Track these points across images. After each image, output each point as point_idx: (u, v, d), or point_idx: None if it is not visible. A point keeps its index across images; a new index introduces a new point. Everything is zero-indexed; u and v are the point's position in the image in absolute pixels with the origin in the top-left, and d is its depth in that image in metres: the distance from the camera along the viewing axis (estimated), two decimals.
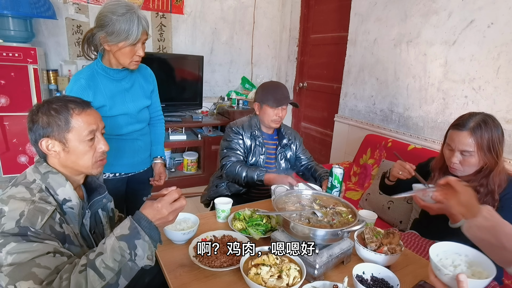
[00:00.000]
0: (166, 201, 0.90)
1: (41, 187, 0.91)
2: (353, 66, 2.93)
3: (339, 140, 3.16)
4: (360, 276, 1.01)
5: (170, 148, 3.59)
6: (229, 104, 3.80)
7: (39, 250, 0.80)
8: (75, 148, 0.96)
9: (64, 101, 0.96)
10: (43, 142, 0.93)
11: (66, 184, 0.94)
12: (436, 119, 2.25)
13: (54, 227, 0.86)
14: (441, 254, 0.83)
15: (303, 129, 3.97)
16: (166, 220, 0.91)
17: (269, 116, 1.76)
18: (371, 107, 2.78)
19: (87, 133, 0.97)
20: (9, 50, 2.49)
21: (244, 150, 1.81)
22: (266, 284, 0.91)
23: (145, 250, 0.86)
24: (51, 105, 0.94)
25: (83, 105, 0.99)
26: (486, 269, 0.77)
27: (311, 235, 1.02)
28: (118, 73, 1.50)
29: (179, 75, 3.48)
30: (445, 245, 0.84)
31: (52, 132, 0.93)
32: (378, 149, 2.49)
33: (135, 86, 1.60)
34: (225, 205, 1.38)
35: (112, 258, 0.83)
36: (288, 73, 4.01)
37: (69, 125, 0.94)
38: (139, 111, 1.61)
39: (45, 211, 0.85)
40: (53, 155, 0.95)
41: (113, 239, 0.85)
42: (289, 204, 1.21)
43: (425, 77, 2.29)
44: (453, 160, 1.30)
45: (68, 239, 0.90)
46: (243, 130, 1.81)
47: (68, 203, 0.94)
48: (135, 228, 0.86)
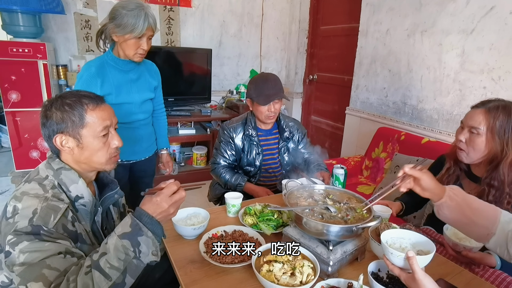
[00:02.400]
0: (165, 194, 0.88)
1: (54, 184, 0.90)
2: (364, 57, 2.86)
3: (351, 134, 3.10)
4: (376, 273, 0.98)
5: (179, 142, 3.59)
6: (238, 97, 3.77)
7: (50, 250, 0.79)
8: (89, 144, 0.94)
9: (78, 96, 0.94)
10: (57, 138, 0.92)
11: (79, 181, 0.93)
12: (451, 111, 2.18)
13: (66, 225, 0.85)
14: (389, 240, 0.92)
15: (313, 123, 3.91)
16: (167, 214, 0.89)
17: (261, 113, 1.70)
18: (384, 99, 2.72)
19: (102, 128, 0.95)
20: (19, 46, 2.50)
21: (234, 152, 1.79)
22: (278, 281, 0.88)
23: (149, 246, 0.85)
24: (64, 100, 0.92)
25: (97, 100, 0.97)
26: (427, 247, 0.89)
27: (324, 231, 0.99)
28: (126, 65, 1.61)
29: (188, 68, 3.45)
30: (390, 232, 0.95)
31: (67, 128, 0.91)
32: (391, 143, 2.43)
33: (141, 79, 1.71)
34: (235, 199, 1.36)
35: (116, 257, 0.82)
36: (297, 65, 3.94)
37: (84, 121, 0.92)
38: (143, 102, 1.72)
39: (58, 209, 0.84)
40: (67, 151, 0.94)
41: (115, 238, 0.84)
42: (301, 199, 1.18)
43: (440, 68, 2.21)
44: (459, 137, 1.24)
45: (80, 238, 0.89)
46: (234, 132, 1.77)
47: (80, 200, 0.92)
48: (136, 225, 0.84)
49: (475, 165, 1.30)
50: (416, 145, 2.22)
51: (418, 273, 0.78)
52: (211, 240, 1.14)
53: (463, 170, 1.34)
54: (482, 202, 0.94)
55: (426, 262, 0.84)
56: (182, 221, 1.22)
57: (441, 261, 1.13)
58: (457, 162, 1.34)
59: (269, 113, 1.69)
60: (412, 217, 1.93)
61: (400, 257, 0.83)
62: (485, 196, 1.20)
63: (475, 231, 0.92)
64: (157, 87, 1.83)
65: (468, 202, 0.92)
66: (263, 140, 1.80)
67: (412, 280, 0.80)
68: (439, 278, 1.02)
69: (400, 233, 0.95)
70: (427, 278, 0.79)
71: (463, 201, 0.92)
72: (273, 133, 1.84)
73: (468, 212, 0.90)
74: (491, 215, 0.90)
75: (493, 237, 0.89)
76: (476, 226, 0.91)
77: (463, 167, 1.34)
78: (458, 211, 0.92)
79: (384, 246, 0.88)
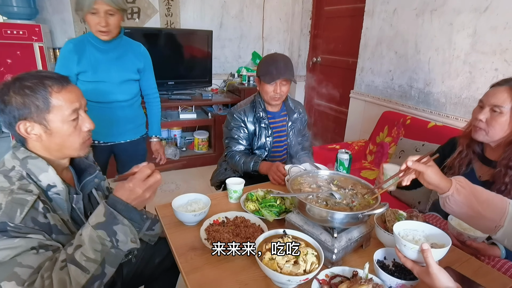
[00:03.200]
0: (138, 179, 0.82)
1: (22, 174, 0.84)
2: (370, 39, 2.76)
3: (355, 118, 3.04)
4: (381, 261, 0.95)
5: (180, 127, 3.55)
6: (240, 81, 3.69)
7: (21, 246, 0.75)
8: (58, 130, 0.87)
9: (38, 77, 0.85)
10: (20, 126, 0.84)
11: (48, 169, 0.86)
12: (460, 95, 2.11)
13: (36, 218, 0.79)
14: (402, 232, 0.90)
15: (316, 107, 3.84)
16: (143, 199, 0.84)
17: (267, 93, 1.65)
18: (389, 82, 2.64)
19: (70, 112, 0.88)
20: (13, 27, 2.42)
21: (247, 137, 1.74)
22: (281, 270, 0.86)
23: (126, 234, 0.81)
24: (24, 83, 0.83)
25: (62, 81, 0.88)
26: (441, 241, 0.86)
27: (329, 218, 0.96)
28: (105, 44, 1.60)
29: (188, 51, 3.37)
30: (403, 224, 0.92)
31: (30, 113, 0.83)
32: (396, 127, 2.37)
33: (123, 59, 1.67)
34: (237, 185, 1.33)
35: (92, 249, 0.77)
36: (301, 47, 3.84)
37: (49, 105, 0.84)
38: (123, 82, 1.68)
39: (25, 202, 0.78)
40: (34, 139, 0.87)
41: (89, 228, 0.79)
42: (305, 185, 1.14)
43: (449, 49, 2.13)
44: (479, 117, 1.16)
45: (55, 229, 0.83)
46: (245, 115, 1.72)
47: (53, 189, 0.86)
48: (111, 214, 0.80)
49: (490, 148, 1.24)
50: (422, 129, 2.17)
51: (433, 267, 0.75)
52: (212, 226, 1.11)
53: (476, 153, 1.28)
54: (490, 193, 0.90)
55: (441, 256, 0.80)
56: (182, 207, 1.20)
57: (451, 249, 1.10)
58: (470, 145, 1.28)
59: (275, 94, 1.63)
60: (416, 203, 1.90)
61: (414, 249, 0.80)
62: (501, 178, 1.15)
63: (483, 224, 0.89)
64: (143, 69, 1.78)
65: (476, 194, 0.88)
66: (272, 122, 1.76)
67: (426, 274, 0.76)
68: (446, 266, 1.00)
69: (413, 225, 0.92)
70: (442, 272, 0.75)
71: (470, 193, 0.88)
72: (281, 115, 1.80)
73: (476, 205, 0.87)
74: (499, 207, 0.87)
75: (501, 229, 0.86)
76: (484, 219, 0.87)
77: (477, 150, 1.28)
78: (466, 204, 0.88)
79: (396, 237, 0.84)
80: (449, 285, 0.74)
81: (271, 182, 1.52)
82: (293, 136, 1.80)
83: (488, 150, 1.26)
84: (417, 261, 0.81)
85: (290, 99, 1.81)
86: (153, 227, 1.17)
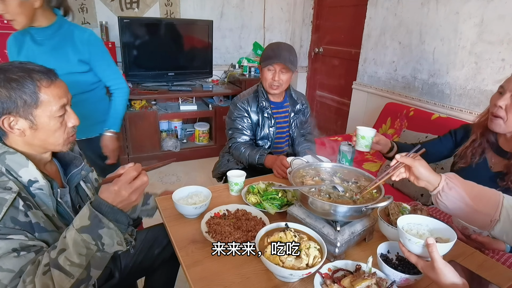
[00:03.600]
0: (123, 182, 0.79)
1: (0, 171, 0.80)
2: (373, 29, 2.71)
3: (357, 109, 3.01)
4: (385, 255, 0.94)
5: (181, 119, 3.52)
6: (240, 72, 3.65)
7: (1, 248, 0.72)
8: (44, 125, 0.84)
9: (25, 70, 0.81)
10: (5, 120, 0.80)
11: (28, 164, 0.83)
12: (465, 86, 2.07)
13: (16, 218, 0.76)
14: (406, 226, 0.88)
15: (318, 98, 3.81)
16: (129, 202, 0.81)
17: (265, 80, 1.63)
18: (392, 73, 2.60)
19: (58, 108, 0.85)
20: None
21: (251, 127, 1.71)
22: (284, 264, 0.84)
23: (112, 237, 0.78)
24: (9, 75, 0.79)
25: (50, 75, 0.84)
26: (446, 235, 0.85)
27: (332, 211, 0.94)
28: (39, 33, 1.46)
29: (188, 41, 3.32)
30: (407, 218, 0.90)
31: (16, 108, 0.79)
32: (399, 118, 2.34)
33: (60, 50, 1.49)
34: (238, 178, 1.31)
35: (77, 253, 0.75)
36: (302, 37, 3.78)
37: (38, 100, 0.81)
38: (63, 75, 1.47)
39: (3, 202, 0.74)
40: (16, 134, 0.83)
41: (73, 232, 0.76)
42: (307, 178, 1.12)
43: (455, 39, 2.08)
44: (498, 103, 1.10)
45: (37, 227, 0.79)
46: (249, 105, 1.69)
47: (35, 185, 0.83)
48: (95, 217, 0.76)
49: (504, 138, 1.20)
50: (426, 121, 2.14)
51: (438, 261, 0.73)
52: (213, 219, 1.10)
53: (490, 142, 1.23)
54: (481, 187, 0.88)
55: (446, 250, 0.79)
56: (183, 199, 1.18)
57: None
58: (485, 134, 1.23)
59: (272, 81, 1.61)
60: (419, 195, 1.89)
61: (419, 244, 0.78)
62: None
63: (478, 218, 0.87)
64: (90, 59, 1.56)
65: (467, 189, 0.86)
66: (275, 113, 1.74)
67: (431, 268, 0.75)
68: (450, 260, 0.98)
69: (417, 219, 0.90)
70: (448, 267, 0.74)
71: (461, 188, 0.86)
72: (284, 106, 1.77)
73: (468, 200, 0.85)
74: (492, 200, 0.85)
75: (497, 224, 0.84)
76: (478, 213, 0.85)
77: (491, 139, 1.23)
78: (457, 198, 0.86)
79: (400, 232, 0.83)
80: (455, 281, 0.72)
81: (275, 176, 1.50)
82: (295, 127, 1.78)
83: (502, 140, 1.22)
84: (421, 256, 0.80)
85: (293, 90, 1.78)
86: (147, 201, 1.17)
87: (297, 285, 0.88)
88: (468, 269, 0.95)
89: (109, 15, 3.11)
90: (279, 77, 1.60)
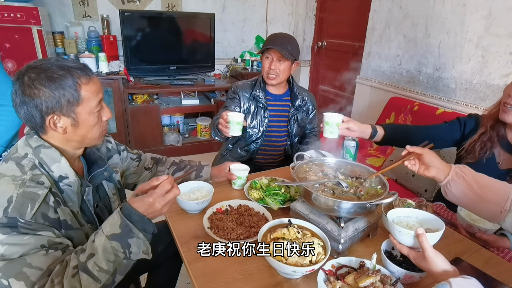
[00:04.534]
0: (158, 194, 0.80)
1: (34, 163, 0.81)
2: (378, 22, 2.67)
3: (360, 104, 2.97)
4: (389, 252, 0.93)
5: (183, 113, 3.51)
6: (243, 66, 3.62)
7: (30, 244, 0.73)
8: (84, 121, 0.85)
9: (65, 68, 0.81)
10: (50, 120, 0.81)
11: (61, 160, 0.84)
12: (471, 80, 2.04)
13: (47, 214, 0.77)
14: (396, 219, 0.89)
15: (321, 92, 3.77)
16: (159, 213, 0.83)
17: (263, 69, 1.64)
18: (397, 67, 2.56)
19: (96, 103, 0.86)
20: (10, 10, 2.35)
21: (238, 109, 1.69)
22: (287, 261, 0.83)
23: (140, 246, 0.80)
24: (50, 74, 0.79)
25: (87, 71, 0.85)
26: (435, 225, 0.86)
27: (335, 207, 0.93)
28: None
29: (190, 35, 3.29)
30: (396, 211, 0.91)
31: (60, 107, 0.80)
32: (403, 113, 2.32)
33: None
34: (241, 171, 1.30)
35: (105, 259, 0.76)
36: (306, 31, 3.73)
37: (79, 98, 0.82)
38: None
39: (36, 197, 0.75)
40: (60, 132, 0.83)
41: (103, 238, 0.77)
42: (311, 173, 1.11)
43: (462, 32, 2.04)
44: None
45: (64, 224, 0.81)
46: (242, 90, 1.69)
47: (65, 180, 0.84)
48: (126, 226, 0.78)
49: None
50: (430, 116, 2.11)
51: (429, 250, 0.74)
52: (215, 215, 1.09)
53: (500, 136, 1.19)
54: (491, 178, 0.88)
55: (435, 240, 0.80)
56: (185, 195, 1.17)
57: (457, 239, 1.07)
58: (495, 127, 1.20)
59: (269, 70, 1.61)
60: (423, 191, 1.87)
61: (409, 235, 0.79)
62: None
63: (487, 208, 0.87)
64: None
65: (477, 179, 0.87)
66: (272, 105, 1.71)
67: (423, 258, 0.76)
68: (455, 257, 0.97)
69: (407, 211, 0.92)
70: (438, 255, 0.75)
71: (471, 178, 0.87)
72: (283, 99, 1.74)
73: (477, 189, 0.85)
74: (502, 190, 0.85)
75: (508, 214, 0.83)
76: (487, 203, 0.85)
77: (502, 132, 1.19)
78: (467, 188, 0.86)
79: (391, 224, 0.84)
80: (446, 268, 0.73)
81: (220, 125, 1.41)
82: (295, 124, 1.74)
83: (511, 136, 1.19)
84: (413, 247, 0.81)
85: (297, 86, 1.76)
86: (200, 174, 1.25)
87: (300, 281, 0.87)
88: (472, 265, 0.94)
89: (110, 8, 3.09)
90: (275, 65, 1.59)
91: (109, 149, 1.10)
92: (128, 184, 1.25)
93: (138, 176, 1.25)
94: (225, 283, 0.85)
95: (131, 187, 1.26)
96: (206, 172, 1.29)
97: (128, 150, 1.20)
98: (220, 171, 1.32)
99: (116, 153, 1.12)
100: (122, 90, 2.93)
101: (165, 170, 1.29)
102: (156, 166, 1.30)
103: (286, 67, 1.61)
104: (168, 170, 1.29)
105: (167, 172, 1.28)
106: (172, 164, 1.31)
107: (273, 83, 1.65)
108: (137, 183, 1.25)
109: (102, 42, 3.02)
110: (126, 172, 1.20)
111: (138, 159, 1.23)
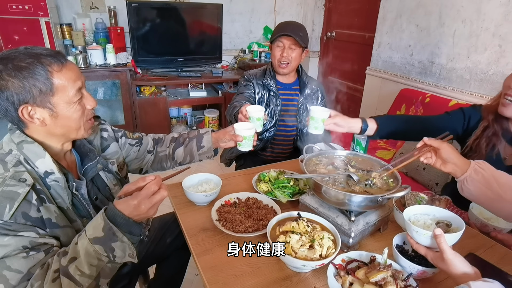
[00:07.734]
0: (143, 196, 0.75)
1: (19, 159, 0.78)
2: (389, 11, 2.59)
3: (371, 95, 2.92)
4: (401, 246, 0.91)
5: (190, 105, 3.50)
6: (251, 57, 3.57)
7: (11, 245, 0.70)
8: (64, 112, 0.80)
9: (33, 56, 0.75)
10: (23, 111, 0.76)
11: (45, 155, 0.80)
12: (487, 71, 1.97)
13: (28, 213, 0.73)
14: (413, 218, 0.86)
15: (330, 84, 3.71)
16: (146, 216, 0.78)
17: (274, 57, 1.63)
18: (408, 58, 2.50)
19: (75, 92, 0.80)
20: (19, 2, 2.35)
21: (253, 96, 1.68)
22: (296, 254, 0.82)
23: (125, 250, 0.76)
24: (18, 63, 0.73)
25: (59, 57, 0.79)
26: (455, 224, 0.81)
27: (346, 201, 0.91)
28: None
29: (197, 26, 3.25)
30: (413, 208, 0.87)
31: (32, 98, 0.75)
32: (414, 105, 2.26)
33: None
34: (247, 130, 1.15)
35: (88, 263, 0.72)
36: (315, 21, 3.66)
37: (52, 87, 0.76)
38: None
39: (15, 196, 0.71)
40: (37, 124, 0.79)
41: (86, 241, 0.73)
42: (321, 166, 1.09)
43: (478, 21, 1.97)
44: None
45: (48, 223, 0.77)
46: (255, 78, 1.69)
47: (51, 176, 0.80)
48: (110, 229, 0.73)
49: None
50: (443, 108, 2.05)
51: (448, 252, 0.71)
52: (223, 207, 1.08)
53: (504, 130, 1.14)
54: (510, 176, 0.85)
55: (454, 240, 0.77)
56: (193, 187, 1.17)
57: (471, 234, 1.05)
58: (498, 120, 1.14)
59: (281, 57, 1.60)
60: (434, 184, 1.83)
61: (427, 235, 0.76)
62: None
63: (504, 207, 0.84)
64: None
65: (496, 176, 0.84)
66: (282, 94, 1.71)
67: (441, 259, 0.73)
68: (469, 252, 0.95)
69: (423, 209, 0.88)
70: (458, 257, 0.71)
71: (490, 175, 0.83)
72: (293, 88, 1.73)
73: (496, 187, 0.82)
74: None
75: None
76: (505, 202, 0.82)
77: (506, 126, 1.14)
78: (485, 185, 0.83)
79: (407, 224, 0.81)
80: (466, 270, 0.70)
81: None
82: (304, 112, 1.73)
83: None
84: (430, 247, 0.78)
85: (306, 75, 1.74)
86: (201, 144, 1.19)
87: (310, 275, 0.86)
88: (487, 261, 0.91)
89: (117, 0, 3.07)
90: (287, 53, 1.58)
91: (105, 138, 1.05)
92: (134, 170, 1.20)
93: (141, 161, 1.19)
94: (233, 276, 0.84)
95: (137, 172, 1.22)
96: (207, 141, 1.21)
97: (126, 135, 1.14)
98: (225, 134, 1.21)
99: (113, 141, 1.07)
100: (130, 82, 2.93)
101: (166, 149, 1.22)
102: (156, 147, 1.23)
103: (298, 54, 1.60)
104: (168, 148, 1.22)
105: (168, 151, 1.21)
106: (171, 141, 1.24)
107: (285, 72, 1.64)
108: (142, 168, 1.21)
109: (110, 33, 3.02)
110: (127, 158, 1.15)
111: (139, 143, 1.17)
